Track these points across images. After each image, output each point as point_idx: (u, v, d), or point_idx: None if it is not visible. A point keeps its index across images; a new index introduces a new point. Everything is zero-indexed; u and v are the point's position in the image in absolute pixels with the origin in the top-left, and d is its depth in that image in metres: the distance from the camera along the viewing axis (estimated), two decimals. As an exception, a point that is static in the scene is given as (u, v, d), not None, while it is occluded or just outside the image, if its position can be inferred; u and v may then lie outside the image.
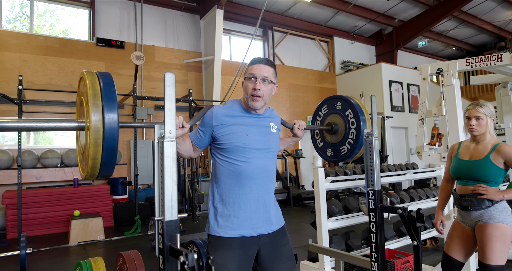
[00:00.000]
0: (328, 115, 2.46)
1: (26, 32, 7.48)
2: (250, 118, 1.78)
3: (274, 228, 1.79)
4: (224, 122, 1.72)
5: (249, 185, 1.71)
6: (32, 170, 6.56)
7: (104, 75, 1.44)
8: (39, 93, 7.01)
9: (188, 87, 8.79)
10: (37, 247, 4.99)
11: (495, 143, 2.25)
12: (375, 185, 2.14)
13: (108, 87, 1.40)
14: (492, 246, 2.11)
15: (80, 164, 1.63)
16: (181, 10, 9.40)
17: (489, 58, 3.43)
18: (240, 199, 1.71)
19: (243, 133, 1.72)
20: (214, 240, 1.71)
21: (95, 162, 1.37)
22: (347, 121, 2.31)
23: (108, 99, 1.36)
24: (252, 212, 1.71)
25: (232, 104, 1.80)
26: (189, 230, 6.05)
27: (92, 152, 1.34)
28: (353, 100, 2.31)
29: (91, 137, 1.32)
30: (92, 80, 1.40)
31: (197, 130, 1.77)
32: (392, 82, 10.78)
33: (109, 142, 1.35)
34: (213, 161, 1.80)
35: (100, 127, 1.33)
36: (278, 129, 1.89)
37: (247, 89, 1.74)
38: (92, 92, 1.36)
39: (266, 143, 1.78)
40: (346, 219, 3.60)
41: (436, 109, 3.62)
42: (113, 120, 1.35)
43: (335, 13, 11.23)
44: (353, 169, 3.87)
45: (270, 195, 1.81)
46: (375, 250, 2.14)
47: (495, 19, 12.64)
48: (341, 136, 2.35)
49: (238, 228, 1.69)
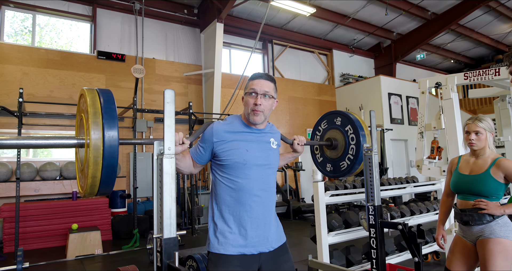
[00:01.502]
0: (327, 131, 2.45)
1: (27, 45, 7.55)
2: (250, 134, 1.77)
3: (275, 245, 1.76)
4: (225, 138, 1.71)
5: (249, 202, 1.69)
6: (31, 183, 6.52)
7: (104, 93, 1.45)
8: (39, 105, 7.03)
9: (188, 100, 8.82)
10: (34, 261, 4.93)
11: (495, 157, 2.25)
12: (375, 200, 2.13)
13: (109, 105, 1.39)
14: (494, 261, 2.08)
15: (79, 181, 1.62)
16: (181, 23, 9.51)
17: (487, 72, 3.45)
18: (241, 216, 1.68)
19: (244, 150, 1.70)
20: (214, 257, 1.68)
21: (94, 180, 1.36)
22: (347, 137, 2.31)
23: (109, 117, 1.36)
24: (252, 229, 1.69)
25: (233, 120, 1.80)
26: (188, 244, 5.98)
27: (92, 170, 1.34)
28: (352, 116, 2.31)
29: (91, 154, 1.32)
30: (92, 98, 1.40)
31: (197, 147, 1.76)
32: (391, 94, 10.83)
33: (109, 160, 1.34)
34: (213, 177, 1.79)
35: (100, 145, 1.33)
36: (278, 145, 1.88)
37: (248, 104, 1.74)
38: (92, 110, 1.36)
39: (266, 159, 1.77)
40: (346, 233, 3.58)
41: (435, 122, 3.63)
42: (113, 138, 1.35)
43: (334, 26, 11.36)
44: (353, 183, 3.86)
45: (271, 211, 1.79)
46: (376, 266, 2.11)
47: (492, 32, 12.78)
48: (341, 151, 2.34)
49: (238, 245, 1.66)
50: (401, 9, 10.58)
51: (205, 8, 9.25)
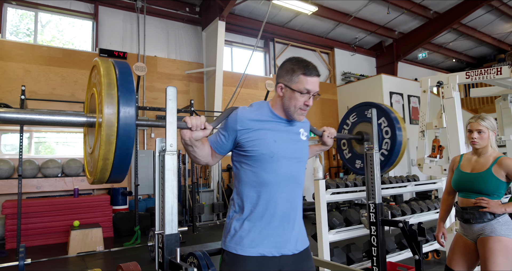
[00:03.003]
0: (357, 124, 2.29)
1: (29, 43, 7.56)
2: (279, 123, 1.58)
3: (299, 248, 1.58)
4: (250, 126, 1.52)
5: (275, 199, 1.51)
6: (33, 180, 6.55)
7: (120, 64, 1.26)
8: (41, 103, 7.04)
9: (189, 97, 8.83)
10: (35, 258, 4.95)
11: (497, 156, 2.25)
12: (376, 198, 2.13)
13: (125, 76, 1.22)
14: (495, 259, 2.09)
15: (87, 167, 1.44)
16: (183, 21, 9.51)
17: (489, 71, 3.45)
18: (264, 213, 1.51)
19: (271, 140, 1.52)
20: (229, 257, 1.51)
21: (106, 163, 1.21)
22: (380, 130, 2.17)
23: (125, 90, 1.19)
24: (275, 228, 1.51)
25: (260, 107, 1.60)
26: (189, 241, 6.00)
27: (103, 150, 1.17)
28: (386, 108, 2.18)
29: (103, 133, 1.15)
30: (107, 68, 1.22)
31: (218, 134, 1.56)
32: (393, 93, 10.82)
33: (123, 139, 1.18)
34: (235, 169, 1.60)
35: (115, 122, 1.15)
36: (307, 137, 1.70)
37: (296, 102, 1.53)
38: (106, 81, 1.18)
39: (296, 152, 1.60)
40: (347, 231, 3.58)
41: (436, 121, 3.63)
42: (130, 114, 1.18)
43: (336, 25, 11.34)
44: (354, 181, 3.86)
45: (298, 210, 1.61)
46: (377, 264, 2.12)
47: (494, 32, 12.74)
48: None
49: (258, 245, 1.48)
50: (403, 8, 10.55)
51: (207, 6, 9.24)
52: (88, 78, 1.46)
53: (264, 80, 9.98)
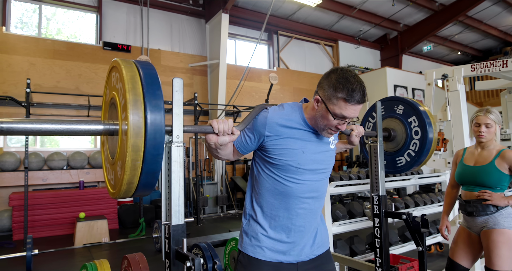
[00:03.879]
0: (384, 119, 2.19)
1: (34, 36, 7.57)
2: (309, 133, 1.49)
3: (318, 252, 1.55)
4: (279, 133, 1.43)
5: (296, 209, 1.47)
6: (39, 172, 6.61)
7: (144, 65, 1.19)
8: (46, 96, 7.08)
9: (193, 91, 8.84)
10: (42, 249, 5.03)
11: (500, 149, 2.25)
12: (379, 190, 2.15)
13: (152, 80, 1.16)
14: (498, 252, 2.10)
15: (107, 180, 1.35)
16: (186, 14, 9.48)
17: (495, 64, 3.42)
18: (284, 222, 1.48)
19: (300, 151, 1.45)
20: (244, 259, 1.50)
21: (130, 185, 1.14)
22: (409, 129, 2.07)
23: (152, 96, 1.13)
24: (295, 237, 1.49)
25: (291, 112, 1.49)
26: (193, 233, 6.06)
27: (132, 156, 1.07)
28: (420, 106, 2.07)
29: (129, 143, 1.06)
30: (130, 70, 1.13)
31: (244, 134, 1.47)
32: (397, 86, 10.76)
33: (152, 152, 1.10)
34: (256, 170, 1.54)
35: (142, 129, 1.06)
36: (335, 142, 1.63)
37: (328, 122, 1.42)
38: (131, 86, 1.09)
39: (323, 162, 1.53)
40: (350, 223, 3.60)
41: (441, 114, 3.62)
42: (159, 122, 1.10)
43: (340, 17, 11.26)
44: (358, 174, 3.87)
45: (317, 218, 1.57)
46: (380, 256, 2.14)
47: (500, 24, 12.60)
48: (400, 145, 2.15)
49: (276, 252, 1.47)
50: (409, 0, 10.46)
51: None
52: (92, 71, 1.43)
53: (268, 73, 9.96)
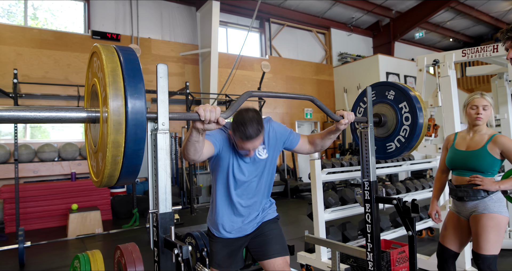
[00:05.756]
0: (375, 104, 2.19)
1: (20, 25, 7.41)
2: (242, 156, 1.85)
3: (261, 221, 1.96)
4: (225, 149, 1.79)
5: (239, 207, 1.88)
6: (29, 164, 6.55)
7: (124, 50, 1.14)
8: (34, 87, 6.96)
9: (184, 80, 8.75)
10: (35, 241, 5.00)
11: (492, 134, 2.25)
12: (370, 176, 2.14)
13: (132, 64, 1.12)
14: (487, 236, 2.12)
15: (90, 166, 1.35)
16: (177, 2, 9.32)
17: (485, 49, 3.41)
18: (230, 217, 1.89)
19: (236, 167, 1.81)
20: (209, 232, 2.00)
21: (112, 178, 1.16)
22: (400, 115, 2.07)
23: (133, 81, 1.09)
24: (239, 222, 1.90)
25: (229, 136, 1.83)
26: (187, 223, 6.07)
27: (110, 153, 1.09)
28: (411, 92, 2.05)
29: (109, 129, 1.05)
30: (110, 54, 1.09)
31: (219, 131, 1.82)
32: (389, 74, 10.77)
33: (133, 137, 1.09)
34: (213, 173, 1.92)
35: (123, 119, 1.05)
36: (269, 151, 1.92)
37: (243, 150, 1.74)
38: (110, 69, 1.06)
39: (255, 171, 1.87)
40: (342, 210, 3.62)
41: (432, 100, 3.62)
42: (140, 109, 1.08)
43: (332, 4, 11.16)
44: (350, 161, 3.88)
45: (262, 201, 1.95)
46: (371, 241, 2.15)
47: (492, 10, 12.59)
48: (390, 130, 2.15)
49: (225, 233, 1.91)
50: (401, -14, 10.38)
51: (201, -15, 9.05)
52: (80, 60, 1.40)
53: (260, 61, 9.87)
